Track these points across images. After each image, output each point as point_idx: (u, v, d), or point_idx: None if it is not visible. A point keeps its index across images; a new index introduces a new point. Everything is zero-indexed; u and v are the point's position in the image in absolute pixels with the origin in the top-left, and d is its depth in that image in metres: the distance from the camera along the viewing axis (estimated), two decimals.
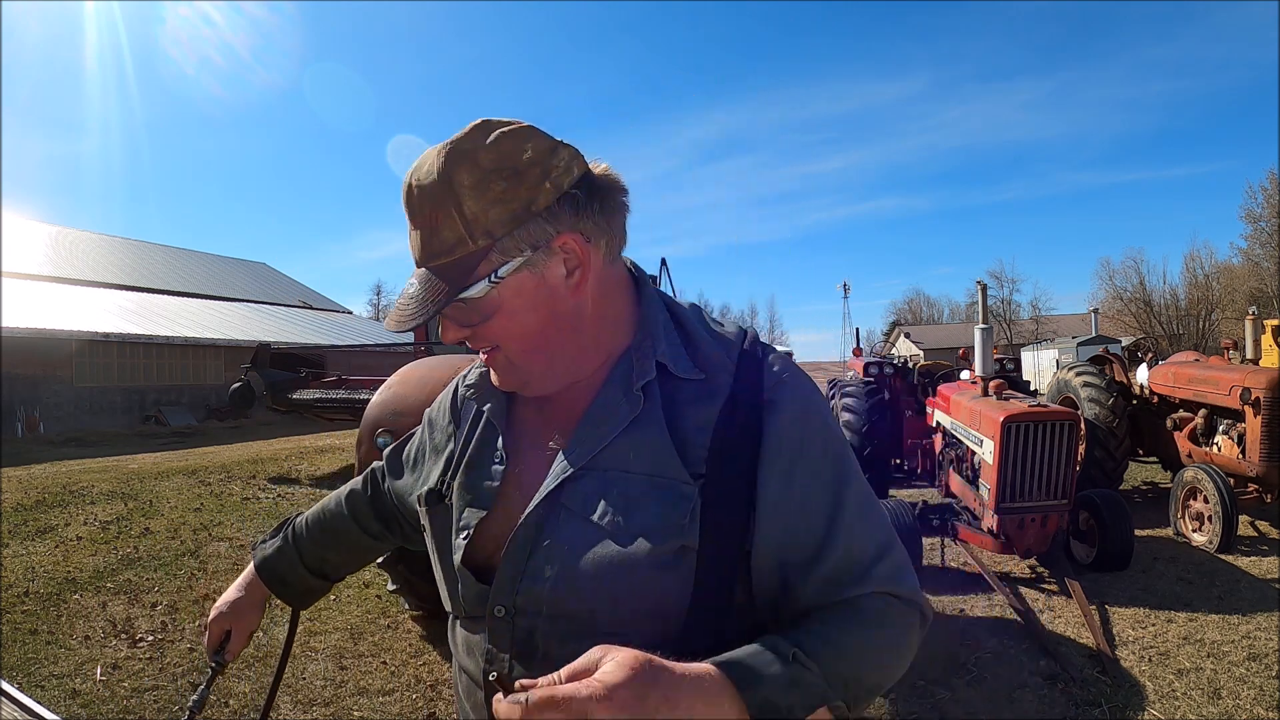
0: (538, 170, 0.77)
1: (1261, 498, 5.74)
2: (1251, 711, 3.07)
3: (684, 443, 0.79)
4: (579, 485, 0.79)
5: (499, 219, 0.76)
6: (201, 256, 34.22)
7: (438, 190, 0.76)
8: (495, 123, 0.78)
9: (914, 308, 74.78)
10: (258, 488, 8.08)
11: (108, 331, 18.63)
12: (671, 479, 0.78)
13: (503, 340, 0.82)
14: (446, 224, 0.77)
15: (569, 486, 0.80)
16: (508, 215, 0.76)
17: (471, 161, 0.76)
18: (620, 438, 0.80)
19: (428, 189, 0.77)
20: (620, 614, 0.75)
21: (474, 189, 0.76)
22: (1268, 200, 38.65)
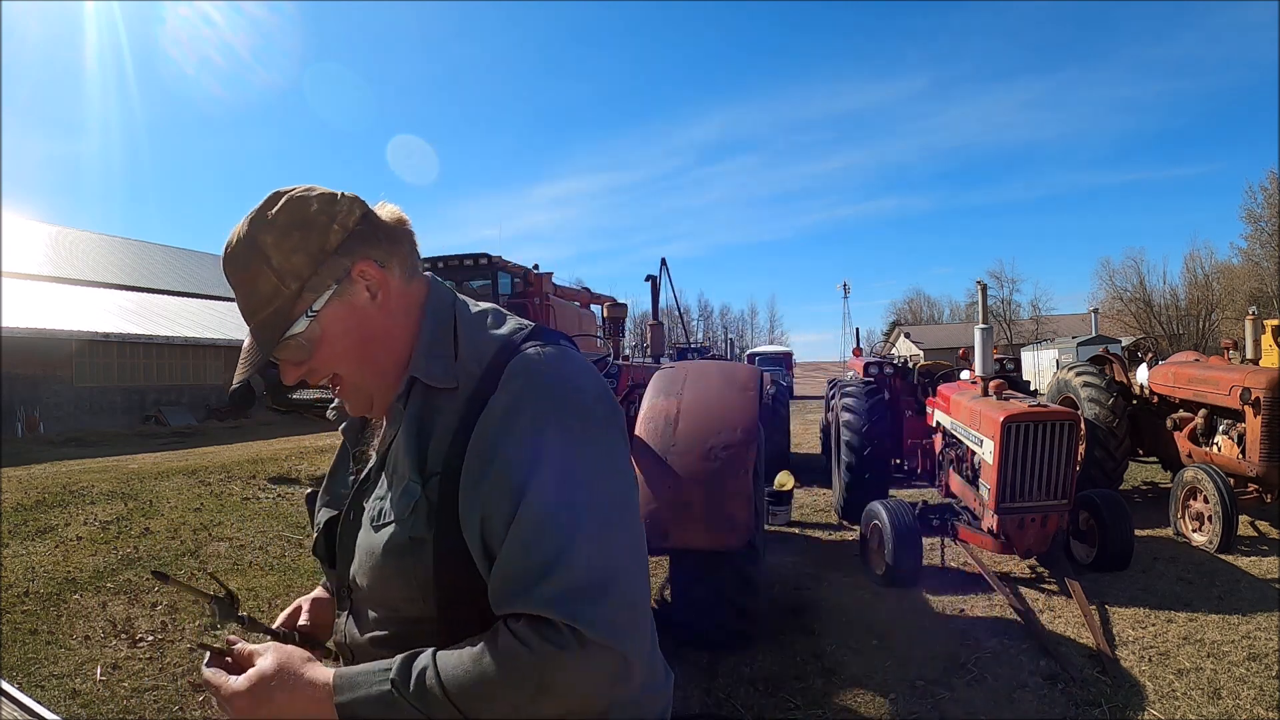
0: (325, 218, 0.90)
1: (1261, 498, 5.74)
2: (1251, 711, 3.07)
3: (426, 444, 0.89)
4: (367, 486, 0.97)
5: (302, 263, 0.89)
6: (201, 256, 34.21)
7: (247, 252, 0.89)
8: (284, 190, 0.92)
9: (914, 308, 74.79)
10: (258, 488, 8.08)
11: (108, 331, 18.62)
12: (406, 477, 0.89)
13: (336, 367, 0.94)
14: (261, 278, 0.89)
15: (363, 487, 0.98)
16: (308, 259, 0.89)
17: (269, 223, 0.89)
18: (395, 444, 0.93)
19: (239, 255, 0.90)
20: (389, 594, 0.90)
21: (276, 245, 0.89)
22: (1268, 200, 38.62)
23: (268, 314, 0.90)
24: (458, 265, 11.82)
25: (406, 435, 0.91)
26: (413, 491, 0.87)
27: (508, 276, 12.09)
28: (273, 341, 0.90)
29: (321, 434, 13.38)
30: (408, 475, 0.89)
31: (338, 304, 0.91)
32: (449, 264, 11.88)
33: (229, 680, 0.82)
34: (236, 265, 0.91)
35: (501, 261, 11.85)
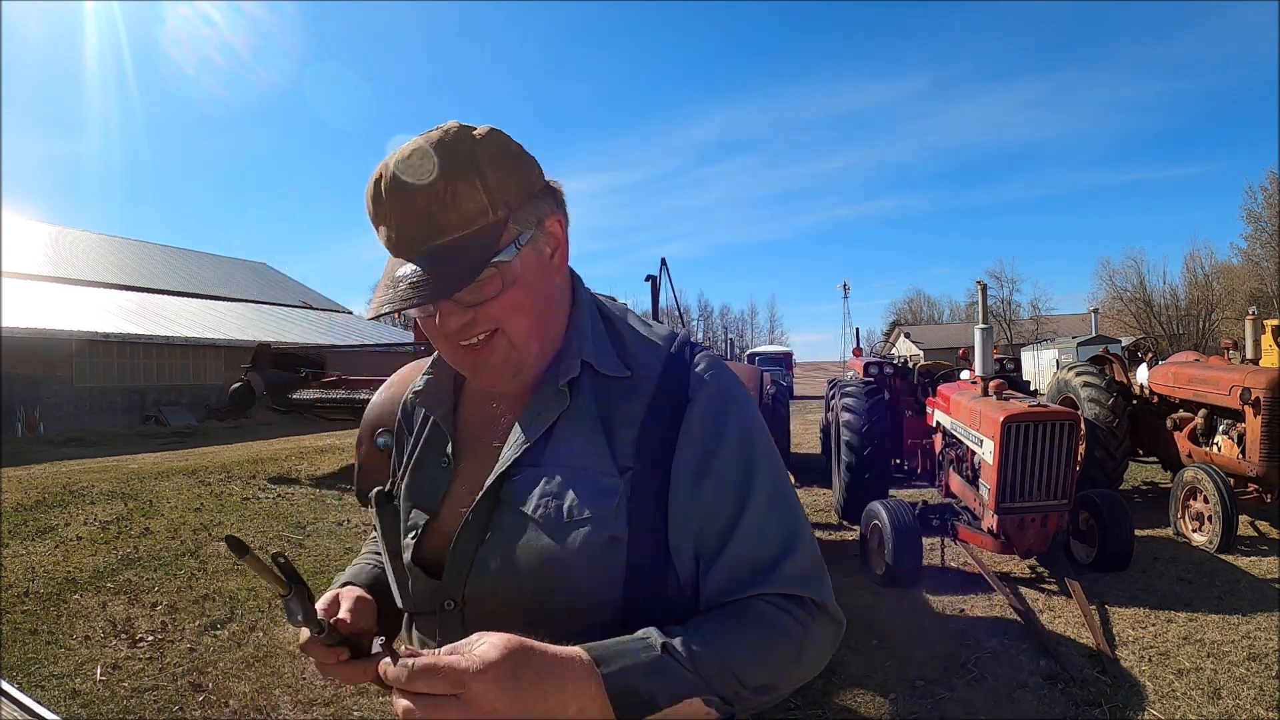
0: (530, 157, 0.84)
1: (1261, 498, 5.74)
2: (1251, 711, 3.08)
3: (613, 437, 0.83)
4: (517, 481, 0.83)
5: (514, 192, 0.81)
6: (201, 256, 34.21)
7: (459, 161, 0.78)
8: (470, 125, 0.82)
9: (914, 308, 74.82)
10: (258, 488, 8.08)
11: (108, 331, 18.63)
12: (600, 472, 0.82)
13: (508, 319, 0.82)
14: (468, 194, 0.78)
15: (508, 483, 0.83)
16: (519, 189, 0.81)
17: (479, 141, 0.79)
18: (556, 434, 0.84)
19: (447, 157, 0.77)
20: (558, 603, 0.79)
21: (492, 161, 0.79)
22: (1268, 200, 38.63)
23: (464, 236, 0.78)
24: None
25: (586, 425, 0.84)
26: (612, 487, 0.81)
27: None
28: (475, 267, 0.77)
29: (321, 434, 13.39)
30: (594, 468, 0.82)
31: (531, 250, 0.82)
32: None
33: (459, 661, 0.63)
34: (454, 163, 0.77)
35: None
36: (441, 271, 0.77)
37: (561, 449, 0.83)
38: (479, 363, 0.84)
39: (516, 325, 0.82)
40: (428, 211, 0.77)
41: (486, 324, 0.81)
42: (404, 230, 0.78)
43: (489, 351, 0.83)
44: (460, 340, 0.82)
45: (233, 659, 3.69)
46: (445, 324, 0.81)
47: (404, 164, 0.78)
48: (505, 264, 0.79)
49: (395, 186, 0.78)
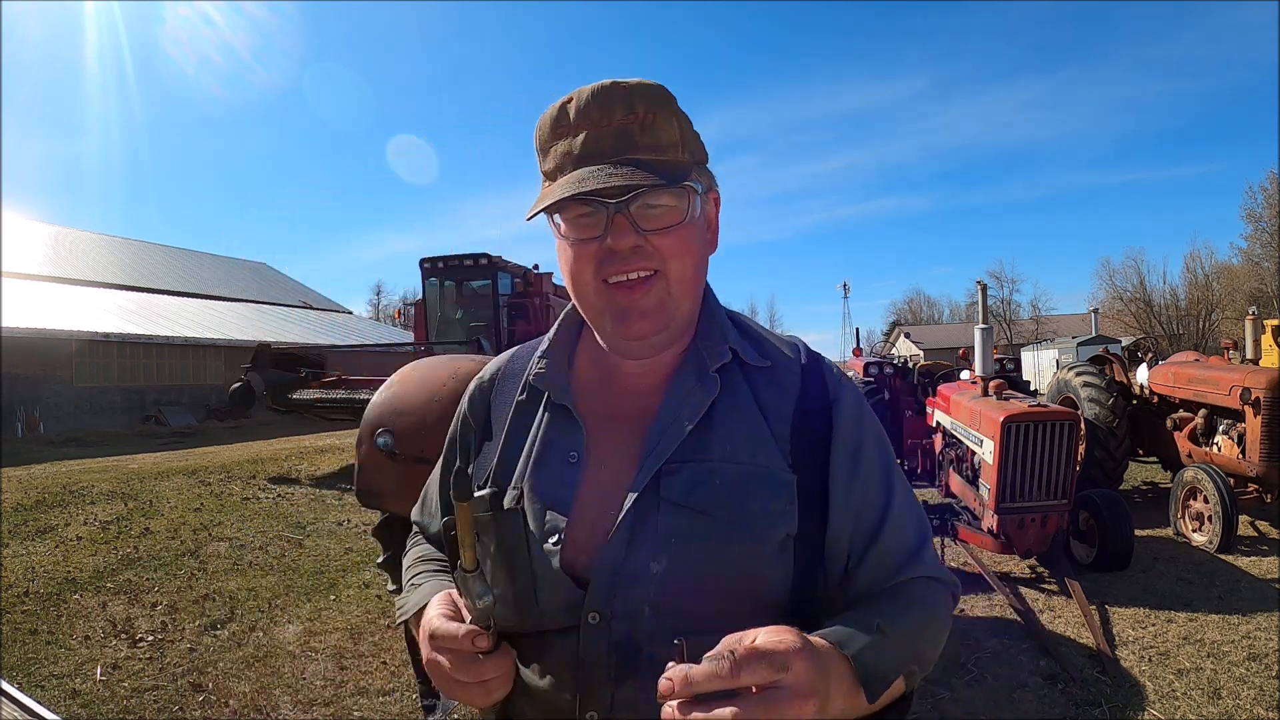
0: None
1: (1261, 498, 5.74)
2: (1251, 711, 3.07)
3: (773, 431, 0.82)
4: (678, 476, 0.78)
5: (697, 149, 0.82)
6: (201, 256, 34.21)
7: (661, 94, 0.78)
8: None
9: (914, 308, 74.76)
10: (258, 488, 8.08)
11: (108, 331, 18.62)
12: (771, 467, 0.79)
13: (673, 259, 0.78)
14: (664, 126, 0.77)
15: (665, 479, 0.77)
16: (701, 150, 0.83)
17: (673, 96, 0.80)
18: (713, 424, 0.80)
19: (648, 89, 0.77)
20: (725, 607, 0.74)
21: (683, 114, 0.80)
22: (1268, 200, 38.61)
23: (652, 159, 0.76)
24: (458, 265, 11.86)
25: (747, 416, 0.81)
26: (786, 482, 0.79)
27: (508, 276, 12.13)
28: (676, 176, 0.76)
29: (321, 434, 13.39)
30: (765, 463, 0.79)
31: (703, 205, 0.82)
32: (449, 264, 11.91)
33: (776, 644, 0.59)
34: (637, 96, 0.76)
35: (501, 261, 11.89)
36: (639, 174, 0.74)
37: (725, 441, 0.79)
38: (631, 305, 0.78)
39: (678, 270, 0.78)
40: (625, 129, 0.76)
41: (650, 258, 0.77)
42: (597, 142, 0.76)
43: (644, 292, 0.77)
44: (613, 274, 0.77)
45: (233, 659, 3.69)
46: (617, 240, 0.75)
47: (604, 87, 0.77)
48: (690, 196, 0.77)
49: (593, 102, 0.76)
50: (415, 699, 3.29)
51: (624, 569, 0.75)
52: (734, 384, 0.83)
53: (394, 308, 57.83)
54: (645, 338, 0.81)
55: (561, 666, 0.77)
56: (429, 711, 0.92)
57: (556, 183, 0.77)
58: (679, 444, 0.79)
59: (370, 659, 3.71)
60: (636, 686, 0.75)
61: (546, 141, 0.80)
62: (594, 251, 0.77)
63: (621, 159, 0.75)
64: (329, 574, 5.06)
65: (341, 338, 26.70)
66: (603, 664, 0.75)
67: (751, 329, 0.90)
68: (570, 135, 0.77)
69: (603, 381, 0.87)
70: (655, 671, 0.70)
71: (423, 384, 3.57)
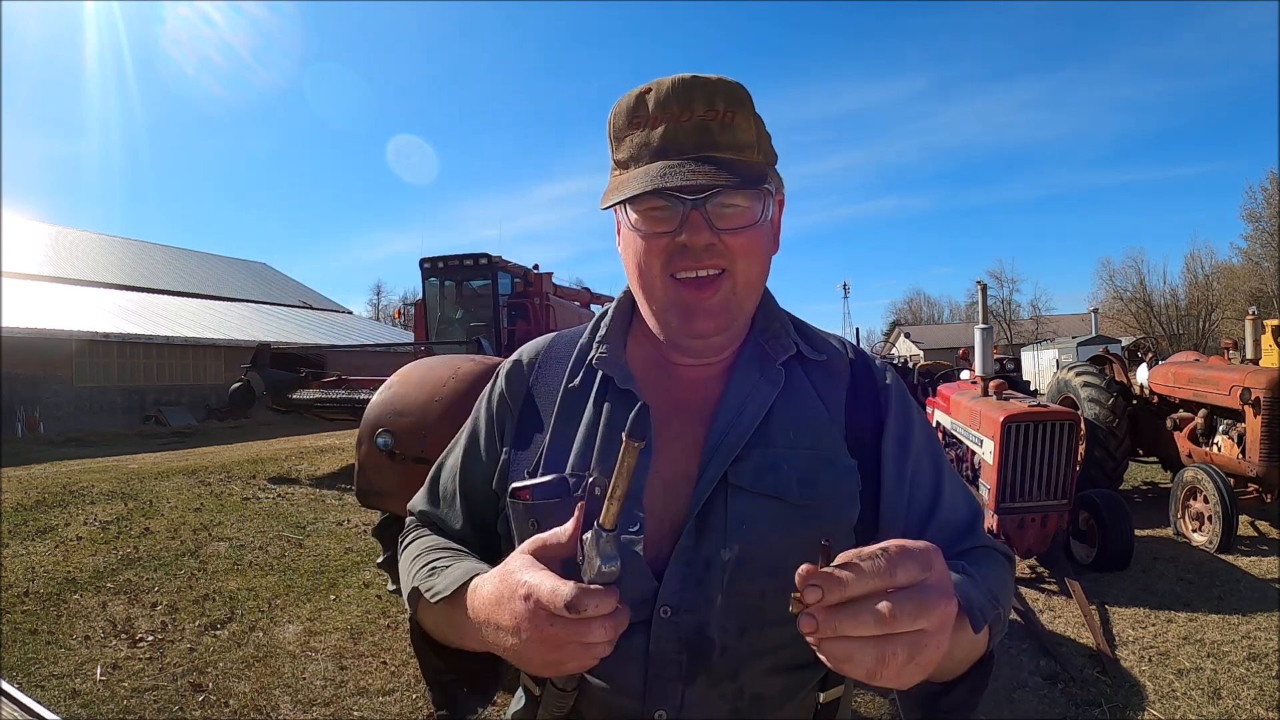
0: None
1: (1261, 498, 5.74)
2: (1251, 711, 3.07)
3: (833, 419, 0.84)
4: (743, 464, 0.78)
5: (769, 150, 0.82)
6: (201, 256, 34.21)
7: (741, 93, 0.78)
8: None
9: (914, 308, 74.76)
10: (258, 488, 8.08)
11: (108, 331, 18.62)
12: (835, 453, 0.81)
13: (742, 259, 0.78)
14: (743, 125, 0.77)
15: (733, 465, 0.78)
16: (773, 152, 0.82)
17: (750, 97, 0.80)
18: (775, 413, 0.81)
19: (730, 86, 0.77)
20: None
21: (759, 117, 0.80)
22: (1268, 200, 38.60)
23: (730, 158, 0.76)
24: (458, 265, 11.86)
25: (810, 405, 0.83)
26: (850, 467, 0.80)
27: (508, 276, 12.13)
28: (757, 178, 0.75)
29: (321, 434, 13.39)
30: (830, 449, 0.81)
31: (774, 207, 0.81)
32: (449, 264, 11.91)
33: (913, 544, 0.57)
34: (718, 94, 0.76)
35: (501, 261, 11.89)
36: (722, 174, 0.73)
37: (789, 429, 0.81)
38: (699, 302, 0.77)
39: (746, 270, 0.79)
40: (705, 124, 0.75)
41: (721, 257, 0.77)
42: (677, 136, 0.75)
43: (712, 291, 0.77)
44: (682, 269, 0.77)
45: (233, 659, 3.69)
46: (693, 237, 0.75)
47: (684, 81, 0.76)
48: (764, 198, 0.77)
49: (673, 95, 0.75)
50: (415, 699, 3.28)
51: (696, 559, 0.75)
52: (794, 376, 0.85)
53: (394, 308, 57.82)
54: (707, 336, 0.81)
55: (629, 663, 0.75)
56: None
57: (631, 173, 0.76)
58: (751, 432, 0.79)
59: (370, 659, 3.71)
60: (708, 683, 0.75)
61: (622, 130, 0.78)
62: (665, 245, 0.76)
63: (701, 156, 0.74)
64: (329, 574, 5.06)
65: (341, 338, 26.70)
66: (673, 660, 0.74)
67: (804, 325, 0.92)
68: (648, 126, 0.76)
69: (659, 371, 0.87)
70: (727, 666, 0.74)
71: (423, 384, 3.58)
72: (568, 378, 0.87)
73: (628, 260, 0.82)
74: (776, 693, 0.78)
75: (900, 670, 0.53)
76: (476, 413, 0.94)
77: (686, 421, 0.82)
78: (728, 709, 0.75)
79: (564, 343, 0.93)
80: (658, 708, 0.75)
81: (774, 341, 0.86)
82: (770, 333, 0.87)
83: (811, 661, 0.79)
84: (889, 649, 0.52)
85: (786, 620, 0.69)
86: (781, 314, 0.90)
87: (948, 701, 0.71)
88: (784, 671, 0.77)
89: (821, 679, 0.81)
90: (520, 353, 0.94)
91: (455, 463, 0.94)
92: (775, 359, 0.84)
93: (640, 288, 0.81)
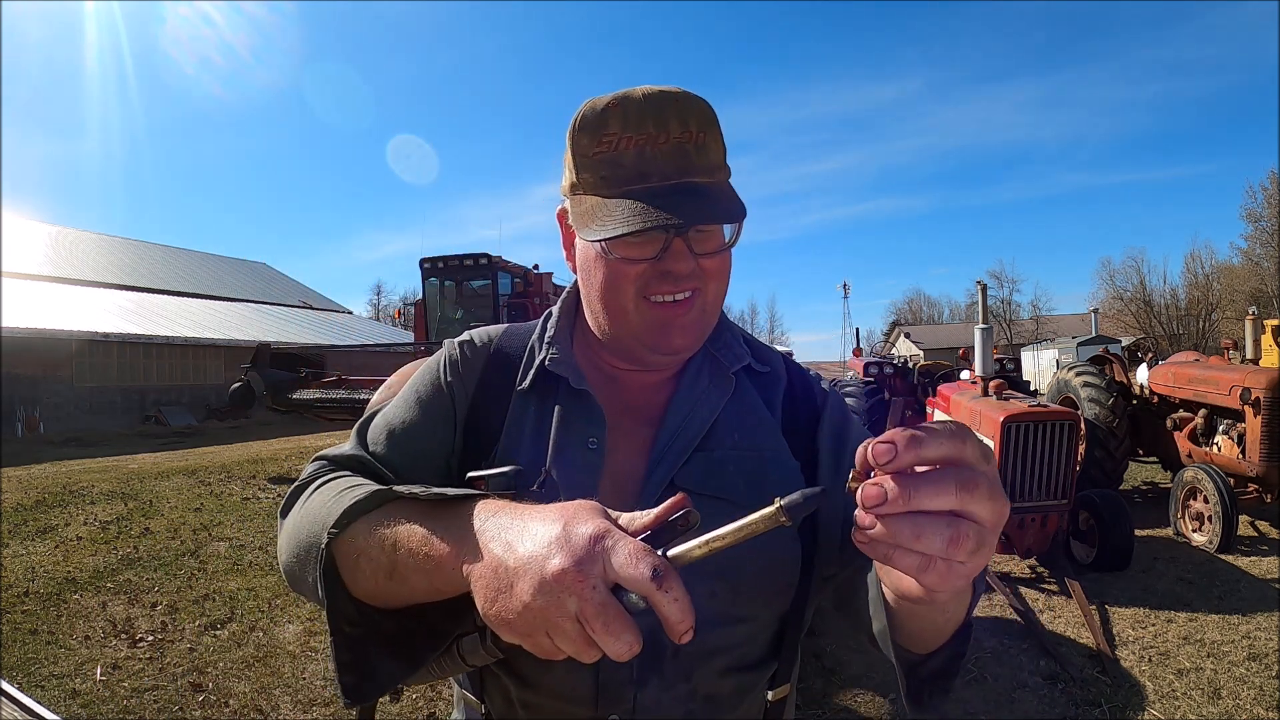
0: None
1: (1261, 498, 5.74)
2: (1251, 711, 3.07)
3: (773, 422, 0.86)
4: (688, 466, 0.79)
5: (727, 166, 0.79)
6: (201, 256, 34.21)
7: (711, 113, 0.76)
8: None
9: (914, 308, 74.73)
10: (258, 488, 8.08)
11: (108, 331, 18.62)
12: (780, 454, 0.83)
13: (713, 280, 0.79)
14: (714, 146, 0.76)
15: (681, 469, 0.79)
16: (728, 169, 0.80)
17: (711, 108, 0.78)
18: (721, 419, 0.83)
19: (701, 106, 0.75)
20: (745, 594, 0.76)
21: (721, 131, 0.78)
22: (1268, 200, 38.64)
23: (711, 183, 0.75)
24: (458, 265, 11.87)
25: (755, 410, 0.85)
26: (795, 466, 0.82)
27: (508, 276, 12.15)
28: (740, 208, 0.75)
29: (321, 434, 13.39)
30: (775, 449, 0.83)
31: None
32: (449, 264, 11.93)
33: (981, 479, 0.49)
34: (691, 112, 0.74)
35: (501, 261, 11.91)
36: (707, 204, 0.72)
37: (735, 433, 0.82)
38: (673, 321, 0.77)
39: (715, 290, 0.80)
40: (682, 147, 0.73)
41: (696, 279, 0.77)
42: (656, 160, 0.73)
43: (686, 310, 0.78)
44: (660, 293, 0.76)
45: (233, 659, 3.69)
46: (675, 264, 0.74)
47: (653, 97, 0.74)
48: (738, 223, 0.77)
49: (649, 113, 0.73)
50: (415, 699, 3.28)
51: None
52: (742, 384, 0.87)
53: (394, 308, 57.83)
54: (680, 353, 0.82)
55: (579, 670, 0.73)
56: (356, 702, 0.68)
57: (612, 203, 0.73)
58: (700, 437, 0.81)
59: None
60: (660, 685, 0.74)
61: (587, 148, 0.75)
62: (641, 270, 0.76)
63: (683, 183, 0.73)
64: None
65: (341, 338, 26.70)
66: (624, 665, 0.72)
67: (750, 338, 0.94)
68: (621, 146, 0.74)
69: (605, 374, 0.87)
70: (679, 668, 0.74)
71: None
72: (519, 378, 0.86)
73: (590, 279, 0.80)
74: (729, 693, 0.78)
75: (965, 560, 0.47)
76: (426, 381, 0.88)
77: (635, 423, 0.83)
78: (680, 711, 0.76)
79: (515, 338, 0.91)
80: (610, 713, 0.74)
81: (726, 351, 0.88)
82: (723, 342, 0.89)
83: (762, 659, 0.80)
84: (962, 530, 0.46)
85: (738, 619, 0.73)
86: (733, 326, 0.92)
87: (928, 667, 0.69)
88: (735, 671, 0.78)
89: (771, 677, 0.82)
90: (472, 336, 0.91)
91: (407, 418, 0.85)
92: (728, 367, 0.86)
93: (606, 309, 0.80)
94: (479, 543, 0.56)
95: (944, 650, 0.68)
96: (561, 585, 0.49)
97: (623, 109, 0.73)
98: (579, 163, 0.77)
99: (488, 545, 0.55)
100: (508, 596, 0.52)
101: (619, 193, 0.74)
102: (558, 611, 0.50)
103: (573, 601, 0.49)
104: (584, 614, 0.49)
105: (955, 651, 0.68)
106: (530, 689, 0.78)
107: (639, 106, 0.73)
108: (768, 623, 0.80)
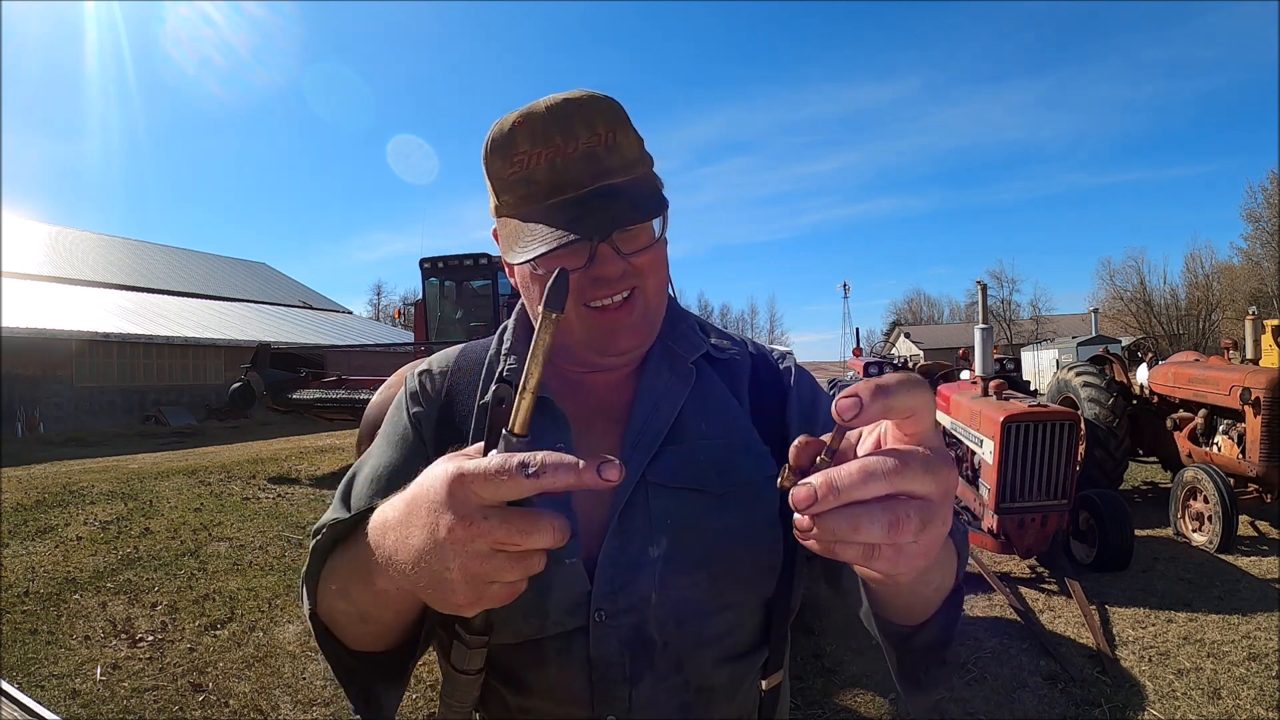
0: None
1: (1261, 498, 5.74)
2: (1251, 711, 3.07)
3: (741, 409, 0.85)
4: (658, 460, 0.79)
5: (649, 155, 0.79)
6: (201, 256, 34.22)
7: (618, 111, 0.76)
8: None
9: (914, 308, 74.73)
10: (258, 488, 8.08)
11: (108, 331, 18.62)
12: (749, 440, 0.82)
13: (649, 275, 0.78)
14: (625, 143, 0.75)
15: (651, 464, 0.78)
16: (649, 155, 0.80)
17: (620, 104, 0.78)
18: (686, 410, 0.82)
19: (606, 105, 0.75)
20: (727, 583, 0.76)
21: (633, 125, 0.77)
22: (1268, 200, 38.64)
23: (629, 180, 0.75)
24: (458, 265, 11.86)
25: (720, 398, 0.85)
26: (765, 451, 0.81)
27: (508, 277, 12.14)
28: (661, 203, 0.74)
29: (321, 434, 13.39)
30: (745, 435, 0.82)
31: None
32: (449, 264, 11.92)
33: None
34: (595, 113, 0.74)
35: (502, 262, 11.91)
36: (625, 205, 0.72)
37: (701, 423, 0.82)
38: (617, 324, 0.78)
39: (654, 283, 0.79)
40: (591, 153, 0.73)
41: (631, 278, 0.77)
42: (567, 170, 0.73)
43: (628, 311, 0.78)
44: (597, 298, 0.76)
45: (233, 659, 3.69)
46: (605, 269, 0.74)
47: (556, 107, 0.74)
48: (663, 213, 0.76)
49: (553, 124, 0.73)
50: (414, 699, 3.28)
51: (623, 559, 0.75)
52: (704, 373, 0.86)
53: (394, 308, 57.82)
54: (630, 352, 0.81)
55: (572, 671, 0.75)
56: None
57: (531, 226, 0.73)
58: (667, 430, 0.80)
59: None
60: (654, 680, 0.75)
61: (500, 169, 0.76)
62: (575, 280, 0.75)
63: (598, 188, 0.73)
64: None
65: (341, 338, 26.70)
66: (616, 663, 0.74)
67: (707, 324, 0.93)
68: (533, 163, 0.74)
69: (567, 379, 0.86)
70: (671, 661, 0.74)
71: None
72: (479, 394, 0.86)
73: (530, 295, 0.81)
74: (722, 683, 0.78)
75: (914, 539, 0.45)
76: (394, 420, 0.89)
77: (607, 424, 0.83)
78: (676, 704, 0.76)
79: (472, 355, 0.91)
80: (607, 712, 0.75)
81: (683, 341, 0.87)
82: (679, 333, 0.88)
83: (752, 647, 0.80)
84: (901, 511, 0.44)
85: (724, 608, 0.74)
86: (687, 315, 0.91)
87: (922, 639, 0.68)
88: (728, 661, 0.78)
89: (763, 665, 0.81)
90: (430, 363, 0.92)
91: (385, 460, 0.85)
92: (686, 358, 0.85)
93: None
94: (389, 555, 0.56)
95: (936, 618, 0.67)
96: (455, 540, 0.49)
97: (529, 125, 0.74)
98: (496, 186, 0.78)
99: (392, 554, 0.56)
100: (438, 579, 0.52)
101: (538, 210, 0.74)
102: (476, 561, 0.50)
103: (479, 544, 0.49)
104: (499, 542, 0.49)
105: (949, 618, 0.67)
106: (525, 694, 0.78)
107: (544, 120, 0.73)
108: (754, 609, 0.80)
